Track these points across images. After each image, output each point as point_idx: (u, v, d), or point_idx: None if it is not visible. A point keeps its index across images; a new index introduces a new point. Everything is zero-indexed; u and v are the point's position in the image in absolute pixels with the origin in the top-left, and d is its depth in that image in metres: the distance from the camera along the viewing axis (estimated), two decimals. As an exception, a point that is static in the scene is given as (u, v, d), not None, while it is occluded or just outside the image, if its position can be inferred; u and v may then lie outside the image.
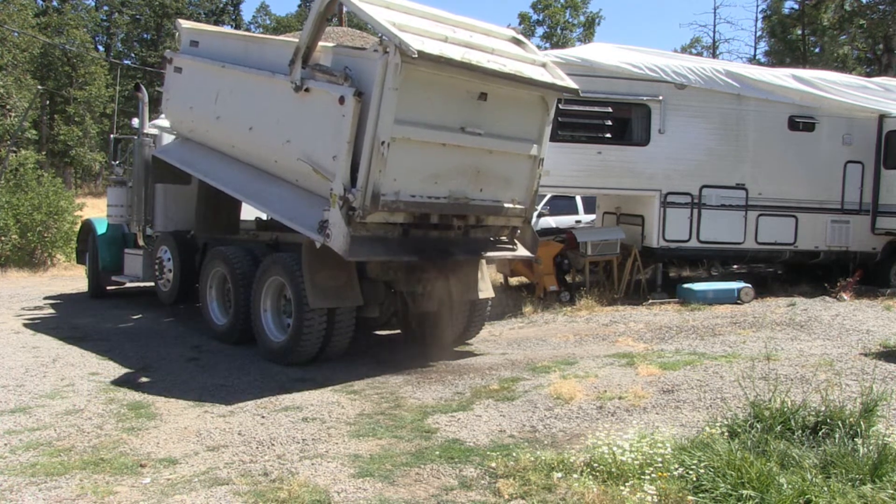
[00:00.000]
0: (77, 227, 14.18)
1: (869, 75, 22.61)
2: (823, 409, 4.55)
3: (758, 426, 4.43)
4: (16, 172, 18.82)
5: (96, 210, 17.67)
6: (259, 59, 7.63)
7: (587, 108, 10.61)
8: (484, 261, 8.03)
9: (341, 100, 6.29)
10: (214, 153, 8.44)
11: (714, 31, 68.36)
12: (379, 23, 6.13)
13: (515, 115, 7.33)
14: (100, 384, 6.39)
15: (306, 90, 6.75)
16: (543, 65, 7.54)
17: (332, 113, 6.38)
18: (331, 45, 7.02)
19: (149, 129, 10.53)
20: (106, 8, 47.10)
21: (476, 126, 6.91)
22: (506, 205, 7.50)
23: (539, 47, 8.65)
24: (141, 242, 10.43)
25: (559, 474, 4.01)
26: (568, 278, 11.25)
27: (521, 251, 7.96)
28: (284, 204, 7.17)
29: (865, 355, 7.00)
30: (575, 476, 3.99)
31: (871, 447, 4.05)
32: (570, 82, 7.50)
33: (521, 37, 7.81)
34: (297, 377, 6.62)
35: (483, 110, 6.94)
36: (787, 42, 38.78)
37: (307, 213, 6.76)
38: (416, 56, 5.88)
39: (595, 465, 4.05)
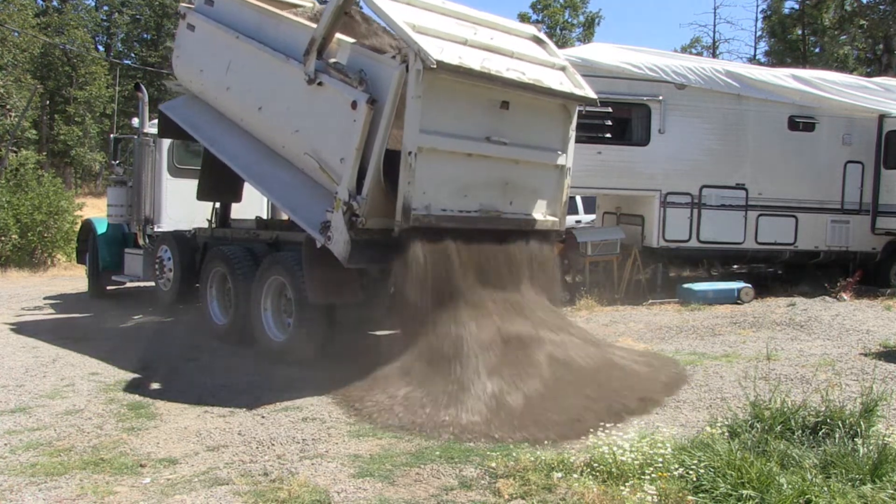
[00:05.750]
0: (77, 227, 14.19)
1: (869, 75, 22.60)
2: (823, 409, 4.56)
3: (758, 426, 4.43)
4: (16, 172, 18.83)
5: (96, 210, 17.68)
6: (274, 38, 7.38)
7: (587, 108, 10.62)
8: None
9: (353, 104, 6.16)
10: (223, 120, 8.21)
11: (714, 31, 68.30)
12: (398, 26, 5.98)
13: (538, 124, 7.19)
14: (100, 384, 6.39)
15: (319, 84, 6.58)
16: (563, 68, 7.37)
17: (343, 115, 6.26)
18: (350, 41, 6.85)
19: (149, 129, 10.54)
20: (106, 8, 47.02)
21: (501, 135, 6.75)
22: (537, 218, 7.28)
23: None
24: (141, 242, 10.44)
25: (559, 474, 4.01)
26: (568, 278, 11.25)
27: None
28: (288, 192, 7.07)
29: (865, 355, 7.00)
30: (575, 476, 3.98)
31: (871, 447, 4.05)
32: (589, 91, 7.29)
33: (542, 35, 7.66)
34: (297, 377, 6.61)
35: (506, 119, 6.79)
36: (787, 42, 38.78)
37: (310, 206, 6.66)
38: (435, 66, 5.76)
39: (595, 465, 4.05)
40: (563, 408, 5.25)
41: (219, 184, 9.11)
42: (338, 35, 6.80)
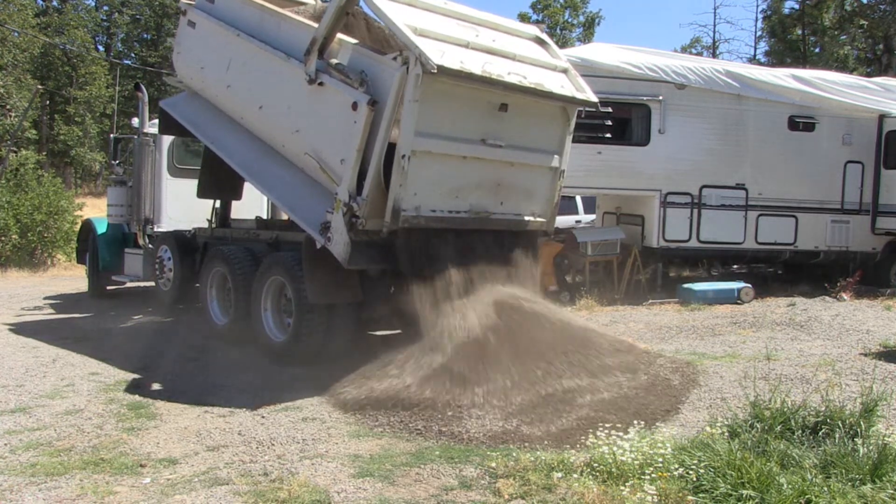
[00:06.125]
0: (77, 227, 14.19)
1: (869, 75, 22.60)
2: (823, 409, 4.56)
3: (758, 426, 4.43)
4: (16, 172, 18.85)
5: (96, 210, 17.68)
6: (275, 37, 7.34)
7: (587, 108, 10.62)
8: None
9: (354, 105, 6.14)
10: (223, 118, 8.20)
11: (714, 31, 68.45)
12: (399, 29, 5.94)
13: (536, 126, 7.17)
14: (100, 384, 6.39)
15: (320, 84, 6.56)
16: (565, 70, 7.34)
17: (344, 116, 6.25)
18: (352, 41, 6.83)
19: (149, 129, 10.54)
20: (106, 8, 47.01)
21: (497, 138, 6.73)
22: (527, 218, 7.31)
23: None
24: (141, 242, 10.43)
25: (559, 474, 4.01)
26: (568, 278, 11.25)
27: None
28: (287, 191, 7.06)
29: (865, 355, 7.00)
30: (575, 476, 3.98)
31: (871, 447, 4.05)
32: (590, 95, 7.25)
33: (544, 36, 7.62)
34: (297, 377, 6.61)
35: (504, 121, 6.78)
36: (787, 42, 38.81)
37: (310, 206, 6.64)
38: (435, 71, 5.73)
39: (595, 465, 4.05)
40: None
41: (219, 181, 9.11)
42: (339, 35, 6.79)
